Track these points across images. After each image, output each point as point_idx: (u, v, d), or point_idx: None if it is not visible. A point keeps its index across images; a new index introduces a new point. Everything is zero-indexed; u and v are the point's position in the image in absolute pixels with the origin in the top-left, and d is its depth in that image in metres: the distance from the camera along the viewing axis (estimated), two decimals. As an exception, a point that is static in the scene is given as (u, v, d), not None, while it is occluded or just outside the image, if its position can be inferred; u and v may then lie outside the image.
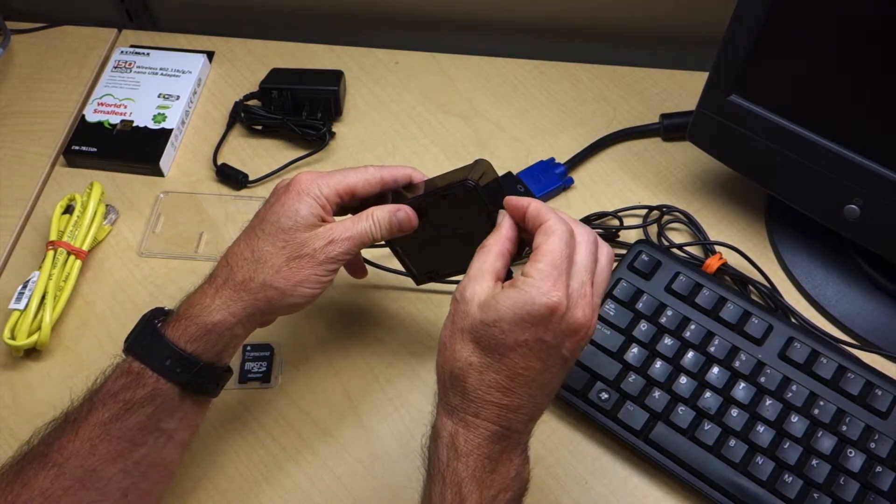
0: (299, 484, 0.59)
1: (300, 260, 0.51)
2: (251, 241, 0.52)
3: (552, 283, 0.45)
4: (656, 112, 0.76)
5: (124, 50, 0.82)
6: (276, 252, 0.51)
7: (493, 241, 0.49)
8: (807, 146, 0.60)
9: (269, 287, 0.51)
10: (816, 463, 0.55)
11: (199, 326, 0.50)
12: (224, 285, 0.51)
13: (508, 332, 0.45)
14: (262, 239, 0.52)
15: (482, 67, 0.81)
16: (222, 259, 0.53)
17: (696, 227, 0.69)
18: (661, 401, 0.58)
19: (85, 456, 0.48)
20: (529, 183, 0.71)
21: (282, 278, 0.51)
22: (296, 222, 0.52)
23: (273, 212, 0.52)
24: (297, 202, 0.52)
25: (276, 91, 0.76)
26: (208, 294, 0.51)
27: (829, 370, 0.58)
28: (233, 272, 0.51)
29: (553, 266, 0.45)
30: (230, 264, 0.52)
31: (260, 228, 0.52)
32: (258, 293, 0.51)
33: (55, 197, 0.72)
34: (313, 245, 0.52)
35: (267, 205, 0.54)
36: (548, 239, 0.46)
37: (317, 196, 0.52)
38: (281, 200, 0.52)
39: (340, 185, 0.53)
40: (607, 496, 0.58)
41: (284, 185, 0.54)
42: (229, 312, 0.51)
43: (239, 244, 0.53)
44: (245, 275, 0.51)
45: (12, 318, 0.63)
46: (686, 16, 0.81)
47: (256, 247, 0.52)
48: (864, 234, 0.61)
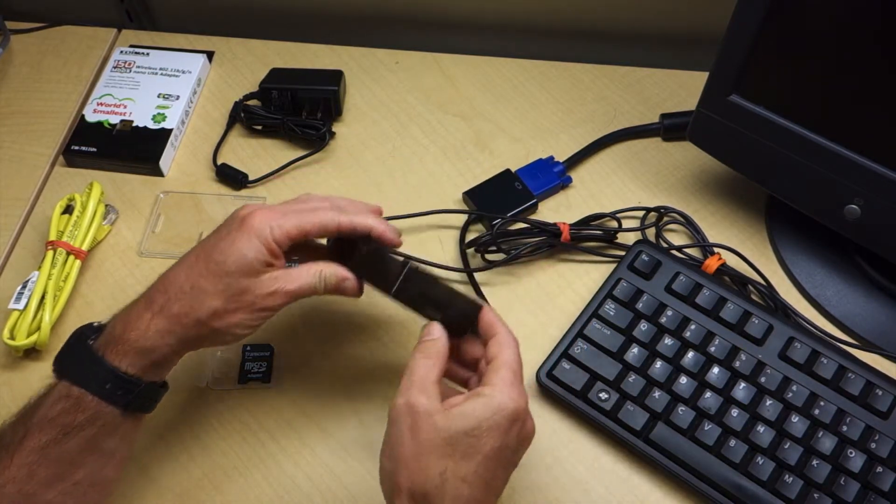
0: (299, 484, 0.59)
1: (237, 306, 0.51)
2: (192, 274, 0.51)
3: (517, 391, 0.48)
4: (656, 112, 0.76)
5: (124, 50, 0.82)
6: (215, 293, 0.50)
7: (434, 351, 0.50)
8: (807, 146, 0.60)
9: (202, 325, 0.50)
10: (817, 463, 0.55)
11: (137, 350, 0.50)
12: (160, 313, 0.50)
13: (485, 439, 0.46)
14: (204, 277, 0.50)
15: (482, 67, 0.81)
16: (161, 281, 0.52)
17: (694, 227, 0.68)
18: (662, 401, 0.58)
19: (22, 481, 0.47)
20: (527, 181, 0.71)
21: (217, 319, 0.50)
22: (240, 267, 0.50)
23: (220, 250, 0.51)
24: (245, 244, 0.50)
25: (276, 91, 0.76)
26: (144, 318, 0.50)
27: (830, 370, 0.58)
28: (169, 302, 0.50)
29: (514, 374, 0.49)
30: (168, 293, 0.50)
31: (204, 264, 0.51)
32: (191, 329, 0.50)
33: (55, 197, 0.72)
34: (254, 292, 0.51)
35: (216, 236, 0.52)
36: (504, 350, 0.50)
37: (266, 240, 0.51)
38: (230, 238, 0.51)
39: (294, 229, 0.52)
40: (607, 496, 0.58)
41: (239, 220, 0.52)
42: (164, 342, 0.50)
43: (179, 273, 0.51)
44: (181, 308, 0.50)
45: (12, 318, 0.63)
46: (686, 16, 0.81)
47: (197, 283, 0.50)
48: (864, 234, 0.61)
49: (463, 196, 0.72)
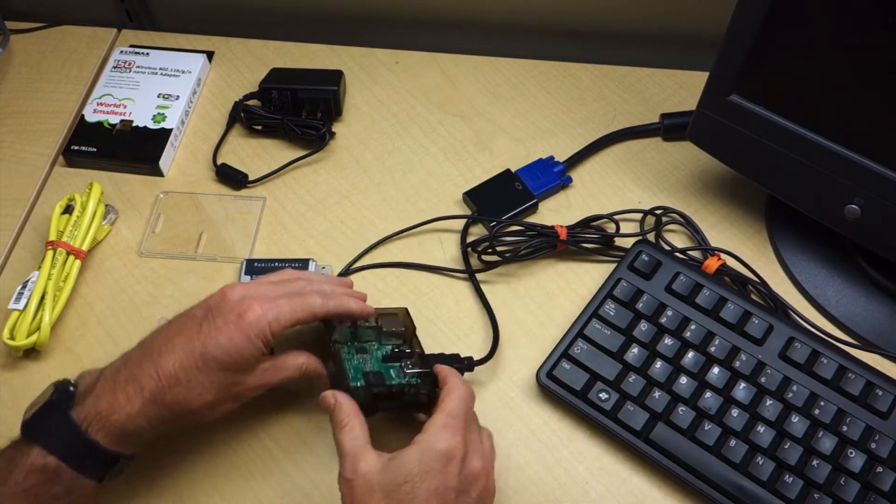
0: (299, 484, 0.59)
1: (227, 397, 0.53)
2: (187, 365, 0.51)
3: (450, 431, 0.49)
4: (656, 112, 0.76)
5: (124, 50, 0.82)
6: (209, 387, 0.51)
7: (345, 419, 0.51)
8: (807, 146, 0.60)
9: (192, 415, 0.52)
10: (817, 463, 0.55)
11: (122, 431, 0.50)
12: (151, 401, 0.50)
13: (420, 484, 0.47)
14: (201, 371, 0.51)
15: (482, 67, 0.81)
16: (151, 363, 0.51)
17: (693, 228, 0.68)
18: (662, 401, 0.58)
19: None
20: (527, 181, 0.71)
21: (208, 410, 0.52)
22: (238, 366, 0.52)
23: (216, 345, 0.51)
24: (244, 344, 0.51)
25: (275, 91, 0.76)
26: (133, 402, 0.50)
27: (830, 370, 0.58)
28: (162, 392, 0.50)
29: (450, 417, 0.50)
30: (161, 380, 0.50)
31: (200, 358, 0.51)
32: (181, 417, 0.52)
33: (54, 197, 0.72)
34: (245, 385, 0.53)
35: (210, 326, 0.52)
36: (446, 398, 0.52)
37: (265, 338, 0.52)
38: (227, 333, 0.51)
39: (289, 320, 0.53)
40: (607, 496, 0.57)
41: (235, 315, 0.52)
42: (149, 424, 0.51)
43: (173, 361, 0.51)
44: (174, 398, 0.51)
45: (11, 318, 0.63)
46: (686, 16, 0.81)
47: (193, 377, 0.51)
48: (864, 234, 0.61)
49: (463, 196, 0.72)
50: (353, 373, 0.56)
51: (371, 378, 0.55)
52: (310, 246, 0.70)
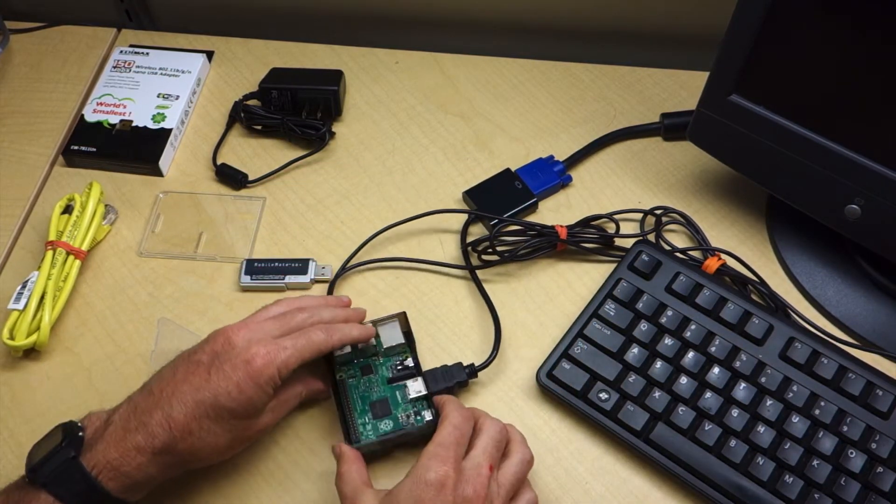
0: (299, 484, 0.59)
1: (239, 442, 0.54)
2: (199, 416, 0.51)
3: (440, 460, 0.50)
4: (657, 112, 0.76)
5: (123, 49, 0.82)
6: (222, 434, 0.52)
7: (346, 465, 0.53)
8: (807, 146, 0.60)
9: (202, 461, 0.53)
10: (817, 463, 0.55)
11: (133, 482, 0.50)
12: (163, 451, 0.50)
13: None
14: (213, 421, 0.51)
15: (482, 67, 0.81)
16: (161, 413, 0.51)
17: (693, 228, 0.68)
18: (662, 401, 0.58)
19: None
20: (527, 180, 0.71)
21: (217, 455, 0.53)
22: (247, 410, 0.52)
23: (228, 393, 0.51)
24: (255, 393, 0.52)
25: (275, 91, 0.76)
26: (144, 453, 0.50)
27: (830, 370, 0.58)
28: (174, 443, 0.50)
29: (440, 446, 0.51)
30: (173, 431, 0.50)
31: (212, 409, 0.51)
32: (190, 463, 0.52)
33: (54, 197, 0.72)
34: (255, 428, 0.54)
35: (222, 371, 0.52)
36: (440, 425, 0.53)
37: (275, 383, 0.53)
38: (239, 382, 0.51)
39: (296, 363, 0.54)
40: (608, 497, 0.57)
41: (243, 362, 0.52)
42: (159, 472, 0.51)
43: (186, 413, 0.51)
44: (186, 448, 0.51)
45: (11, 318, 0.63)
46: (686, 16, 0.81)
47: (204, 426, 0.51)
48: (865, 234, 0.61)
49: (463, 195, 0.72)
50: (360, 405, 0.59)
51: (377, 409, 0.58)
52: (310, 246, 0.70)
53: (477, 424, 0.55)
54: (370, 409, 0.59)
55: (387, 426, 0.58)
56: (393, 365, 0.61)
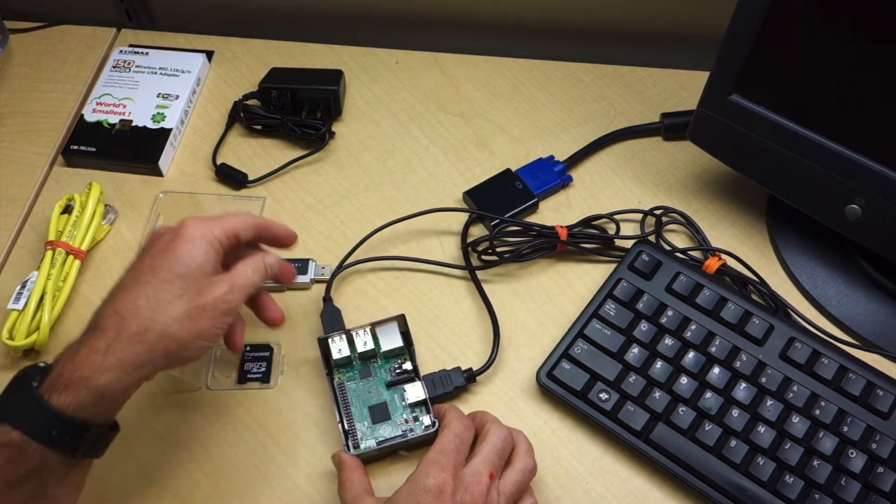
0: (299, 484, 0.58)
1: (201, 309, 0.49)
2: (143, 289, 0.48)
3: (438, 467, 0.50)
4: (657, 111, 0.76)
5: (123, 49, 0.82)
6: (173, 300, 0.48)
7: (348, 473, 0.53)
8: (807, 146, 0.60)
9: (168, 338, 0.48)
10: (818, 463, 0.55)
11: (91, 391, 0.46)
12: (117, 338, 0.47)
13: None
14: (157, 287, 0.48)
15: (482, 67, 0.81)
16: (106, 308, 0.48)
17: (694, 228, 0.68)
18: (662, 401, 0.58)
19: None
20: (528, 180, 0.71)
21: (182, 329, 0.48)
22: (192, 269, 0.49)
23: (166, 258, 0.49)
24: (191, 248, 0.50)
25: (275, 91, 0.76)
26: (98, 350, 0.47)
27: (830, 370, 0.58)
28: (125, 323, 0.47)
29: (440, 453, 0.51)
30: (121, 314, 0.47)
31: (152, 275, 0.49)
32: (155, 345, 0.47)
33: (54, 197, 0.72)
34: (214, 293, 0.50)
35: (153, 252, 0.50)
36: (441, 432, 0.53)
37: (211, 241, 0.51)
38: (171, 248, 0.50)
39: (228, 229, 0.52)
40: (608, 497, 0.57)
41: (172, 233, 0.51)
42: (123, 370, 0.47)
43: (128, 292, 0.48)
44: (140, 325, 0.47)
45: (11, 318, 0.63)
46: (686, 16, 0.81)
47: (151, 294, 0.48)
48: (865, 234, 0.61)
49: (463, 196, 0.72)
50: (358, 410, 0.59)
51: (376, 414, 0.59)
52: (310, 246, 0.70)
53: (482, 431, 0.54)
54: (369, 414, 0.59)
55: (386, 432, 0.58)
56: (391, 368, 0.61)
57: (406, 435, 0.58)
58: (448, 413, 0.56)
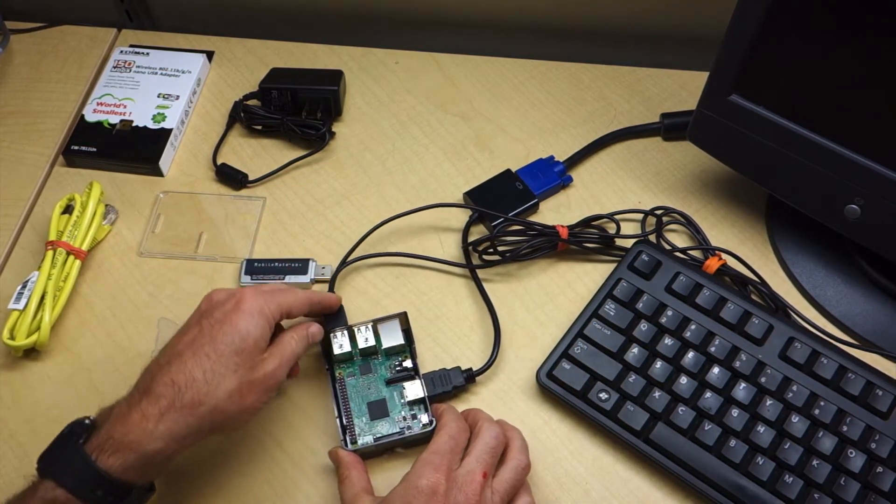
0: (300, 485, 0.59)
1: (251, 384, 0.51)
2: (200, 361, 0.50)
3: (432, 468, 0.50)
4: (656, 112, 0.76)
5: (124, 49, 0.82)
6: (228, 374, 0.50)
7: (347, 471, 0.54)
8: (807, 146, 0.60)
9: (217, 412, 0.50)
10: (817, 463, 0.55)
11: (139, 456, 0.48)
12: (170, 408, 0.48)
13: None
14: (215, 360, 0.50)
15: (482, 67, 0.81)
16: (162, 375, 0.50)
17: (694, 228, 0.68)
18: (662, 401, 0.58)
19: None
20: (528, 181, 0.71)
21: (232, 403, 0.50)
22: (249, 344, 0.51)
23: (224, 332, 0.51)
24: (249, 323, 0.52)
25: (275, 91, 0.76)
26: (150, 417, 0.48)
27: (830, 370, 0.58)
28: (181, 394, 0.49)
29: (434, 454, 0.52)
30: (177, 384, 0.49)
31: (211, 348, 0.50)
32: (205, 417, 0.49)
33: (54, 197, 0.72)
34: (265, 369, 0.52)
35: (211, 320, 0.52)
36: (437, 433, 0.54)
37: (267, 316, 0.53)
38: (230, 320, 0.52)
39: (283, 306, 0.55)
40: (608, 497, 0.57)
41: (231, 302, 0.53)
42: (172, 439, 0.48)
43: (185, 362, 0.50)
44: (195, 397, 0.49)
45: (11, 318, 0.63)
46: (686, 16, 0.81)
47: (208, 368, 0.50)
48: (864, 234, 0.61)
49: (463, 196, 0.72)
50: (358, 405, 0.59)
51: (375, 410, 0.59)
52: (310, 246, 0.70)
53: (475, 429, 0.55)
54: (367, 410, 0.59)
55: (384, 429, 0.58)
56: (392, 365, 0.61)
57: (403, 432, 0.58)
58: (445, 414, 0.56)
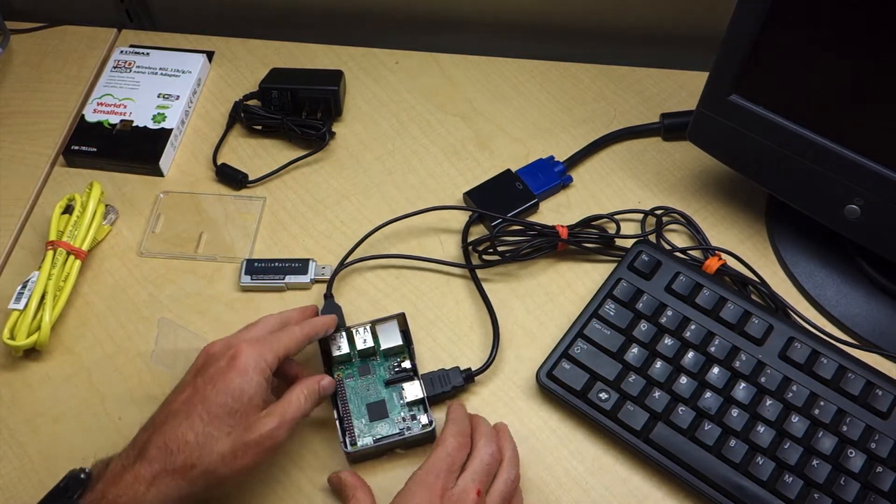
0: (300, 486, 0.59)
1: (246, 447, 0.50)
2: (193, 423, 0.49)
3: (425, 489, 0.50)
4: (656, 112, 0.76)
5: (124, 50, 0.82)
6: (221, 437, 0.49)
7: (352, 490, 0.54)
8: (807, 146, 0.60)
9: (210, 475, 0.49)
10: (817, 463, 0.55)
11: None
12: (162, 472, 0.48)
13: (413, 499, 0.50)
14: (208, 422, 0.49)
15: (482, 67, 0.81)
16: (156, 438, 0.49)
17: (694, 228, 0.68)
18: (662, 401, 0.58)
19: None
20: (528, 181, 0.71)
21: (225, 466, 0.49)
22: (243, 404, 0.50)
23: (217, 392, 0.50)
24: (243, 381, 0.50)
25: (275, 91, 0.76)
26: (142, 480, 0.47)
27: (830, 370, 0.58)
28: (172, 457, 0.48)
29: (430, 473, 0.51)
30: (169, 447, 0.48)
31: (204, 409, 0.49)
32: (198, 480, 0.48)
33: (55, 197, 0.72)
34: (261, 429, 0.50)
35: (205, 377, 0.51)
36: (434, 449, 0.53)
37: (263, 370, 0.51)
38: (225, 379, 0.50)
39: (280, 355, 0.53)
40: (607, 497, 0.57)
41: (226, 358, 0.51)
42: (164, 502, 0.48)
43: (178, 425, 0.49)
44: (186, 460, 0.48)
45: (12, 318, 0.63)
46: (686, 16, 0.81)
47: (200, 431, 0.49)
48: (864, 234, 0.61)
49: (463, 196, 0.72)
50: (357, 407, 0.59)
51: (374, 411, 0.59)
52: (309, 246, 0.70)
53: (473, 443, 0.54)
54: (367, 411, 0.59)
55: (383, 430, 0.58)
56: (390, 366, 0.61)
57: (403, 433, 0.58)
58: (447, 428, 0.55)
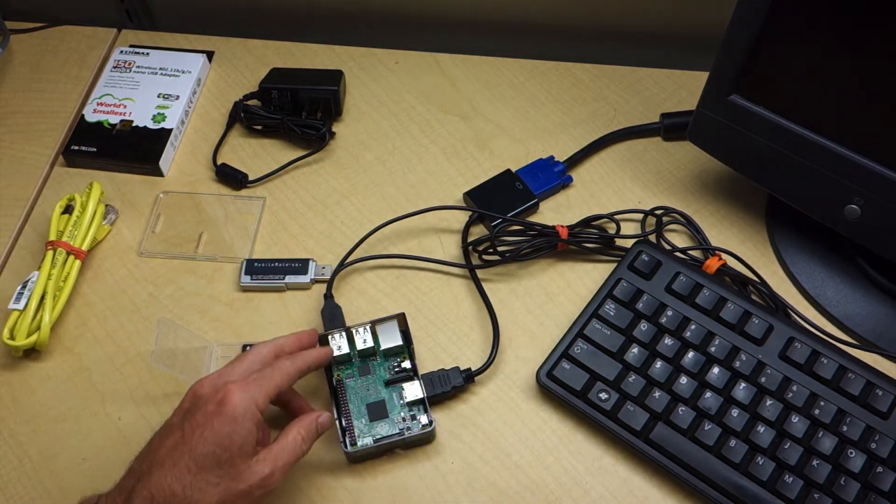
0: (301, 486, 0.59)
1: (235, 496, 0.48)
2: (180, 473, 0.47)
3: None
4: (656, 112, 0.76)
5: (124, 49, 0.82)
6: (208, 488, 0.47)
7: None
8: (807, 146, 0.60)
9: None
10: (817, 463, 0.55)
11: None
12: None
13: None
14: (196, 473, 0.47)
15: (482, 67, 0.81)
16: (142, 488, 0.47)
17: (694, 228, 0.68)
18: (662, 401, 0.58)
19: None
20: (528, 181, 0.71)
21: None
22: (233, 453, 0.48)
23: (205, 440, 0.48)
24: (232, 429, 0.48)
25: (275, 91, 0.76)
26: None
27: (830, 370, 0.58)
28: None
29: None
30: (156, 499, 0.47)
31: (191, 459, 0.47)
32: None
33: (54, 197, 0.72)
34: (251, 478, 0.48)
35: (193, 423, 0.49)
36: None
37: (254, 414, 0.49)
38: (212, 426, 0.48)
39: (271, 396, 0.51)
40: (607, 497, 0.57)
41: (214, 403, 0.49)
42: None
43: (165, 474, 0.47)
44: None
45: (12, 318, 0.63)
46: (686, 16, 0.81)
47: (187, 483, 0.47)
48: (864, 234, 0.61)
49: (463, 196, 0.72)
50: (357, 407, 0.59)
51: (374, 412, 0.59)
52: (309, 246, 0.70)
53: None
54: (367, 411, 0.59)
55: (383, 430, 0.58)
56: (390, 366, 0.61)
57: (403, 433, 0.58)
58: None
